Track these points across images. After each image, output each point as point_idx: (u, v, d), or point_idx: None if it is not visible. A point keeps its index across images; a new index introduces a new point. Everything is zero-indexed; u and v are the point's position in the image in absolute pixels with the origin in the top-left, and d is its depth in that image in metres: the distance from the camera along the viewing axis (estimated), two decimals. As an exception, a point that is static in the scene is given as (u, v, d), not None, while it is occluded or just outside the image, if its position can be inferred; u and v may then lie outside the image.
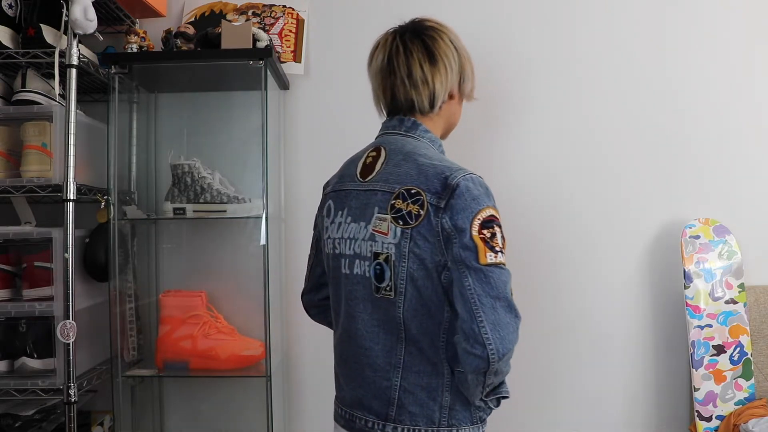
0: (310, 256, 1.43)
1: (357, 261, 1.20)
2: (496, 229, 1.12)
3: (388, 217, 1.16)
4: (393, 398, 1.18)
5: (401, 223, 1.14)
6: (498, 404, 1.23)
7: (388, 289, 1.16)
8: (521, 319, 1.11)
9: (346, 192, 1.27)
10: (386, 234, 1.16)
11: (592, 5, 2.15)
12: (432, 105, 1.25)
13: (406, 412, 1.17)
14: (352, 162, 1.31)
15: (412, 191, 1.15)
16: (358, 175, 1.25)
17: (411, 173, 1.17)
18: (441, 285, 1.15)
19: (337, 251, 1.25)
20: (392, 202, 1.16)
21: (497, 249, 1.11)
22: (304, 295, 1.45)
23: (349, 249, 1.22)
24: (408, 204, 1.14)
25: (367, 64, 1.32)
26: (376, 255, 1.17)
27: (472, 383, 1.14)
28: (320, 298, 1.41)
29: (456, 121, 1.35)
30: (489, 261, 1.09)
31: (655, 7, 2.14)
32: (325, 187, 1.37)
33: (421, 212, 1.13)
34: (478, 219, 1.11)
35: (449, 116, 1.32)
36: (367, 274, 1.19)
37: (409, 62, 1.23)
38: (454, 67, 1.27)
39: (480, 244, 1.09)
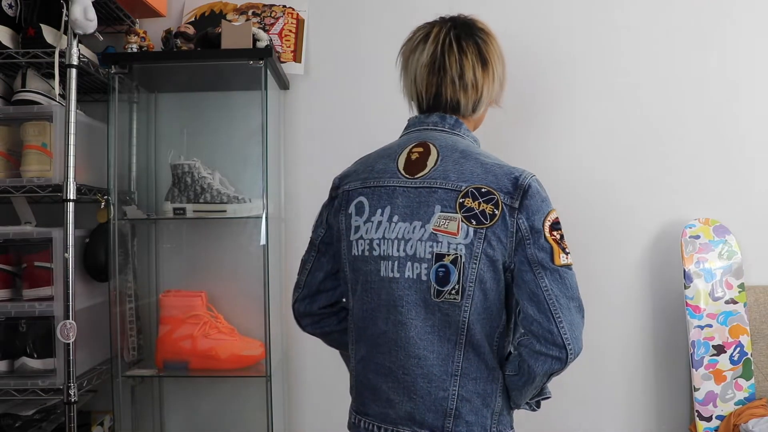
0: (307, 259, 1.31)
1: (409, 263, 1.13)
2: (562, 231, 1.14)
3: (459, 216, 1.11)
4: (450, 408, 1.13)
5: (474, 222, 1.10)
6: (539, 406, 1.24)
7: (453, 292, 1.11)
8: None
9: (388, 189, 1.17)
10: (455, 234, 1.10)
11: (587, 5, 2.15)
12: (475, 109, 1.24)
13: (463, 422, 1.13)
14: (382, 157, 1.23)
15: (483, 190, 1.11)
16: (402, 171, 1.17)
17: (476, 171, 1.13)
18: (504, 287, 1.14)
19: (375, 253, 1.16)
20: (461, 200, 1.11)
21: (567, 250, 1.13)
22: (299, 302, 1.32)
23: (399, 250, 1.14)
24: (480, 203, 1.11)
25: (406, 52, 1.26)
26: (439, 256, 1.11)
27: (536, 384, 1.14)
28: (320, 307, 1.31)
29: (480, 124, 1.33)
30: (563, 262, 1.11)
31: (660, 8, 2.14)
32: (339, 184, 1.26)
33: (496, 212, 1.10)
34: (549, 221, 1.12)
35: (479, 119, 1.30)
36: (424, 277, 1.12)
37: (462, 62, 1.19)
38: (499, 74, 1.25)
39: (554, 246, 1.11)
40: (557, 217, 1.13)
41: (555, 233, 1.12)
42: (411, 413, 1.14)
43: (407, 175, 1.17)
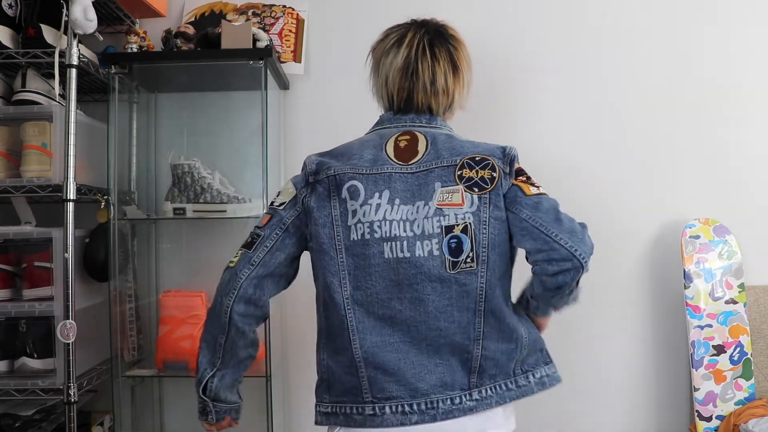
0: (267, 235, 1.22)
1: (419, 242, 1.15)
2: (528, 175, 1.21)
3: (461, 187, 1.16)
4: (475, 367, 1.17)
5: (476, 190, 1.16)
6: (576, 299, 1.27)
7: (468, 260, 1.15)
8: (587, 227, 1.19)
9: (383, 174, 1.19)
10: (461, 204, 1.15)
11: (594, 4, 2.15)
12: (445, 112, 1.29)
13: (486, 375, 1.18)
14: (365, 147, 1.23)
15: (477, 158, 1.18)
16: (394, 159, 1.20)
17: (466, 146, 1.20)
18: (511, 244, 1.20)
19: (377, 235, 1.16)
20: (459, 172, 1.17)
21: (537, 184, 1.20)
22: (248, 281, 1.21)
23: (407, 230, 1.16)
24: (477, 171, 1.17)
25: (378, 53, 1.29)
26: (449, 228, 1.15)
27: (568, 293, 1.20)
28: (269, 296, 1.26)
29: None
30: (533, 192, 1.18)
31: (660, 5, 2.14)
32: (318, 169, 1.22)
33: (494, 175, 1.17)
34: (513, 172, 1.20)
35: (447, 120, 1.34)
36: (436, 252, 1.15)
37: (434, 69, 1.23)
38: (468, 80, 1.30)
39: (521, 185, 1.19)
40: (519, 167, 1.21)
41: (520, 177, 1.20)
42: (441, 378, 1.17)
43: (400, 162, 1.20)
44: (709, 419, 1.95)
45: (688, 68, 2.13)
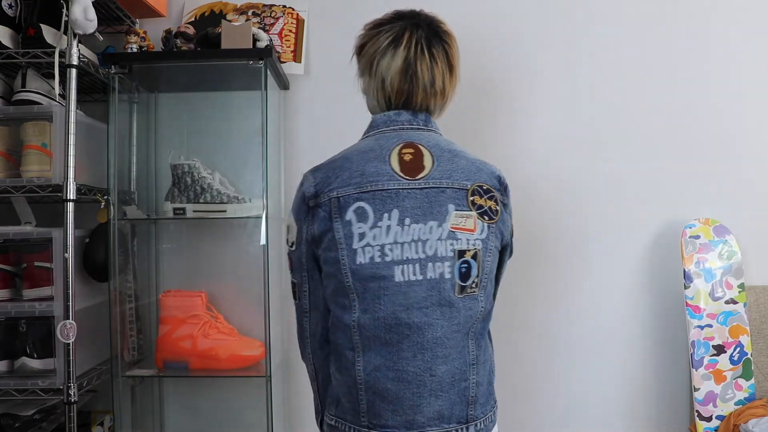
0: (300, 281, 1.24)
1: (430, 264, 1.14)
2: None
3: (474, 213, 1.17)
4: (472, 396, 1.17)
5: (486, 218, 1.18)
6: None
7: (473, 286, 1.16)
8: None
9: (390, 192, 1.15)
10: (473, 230, 1.16)
11: (594, 4, 2.15)
12: (440, 110, 1.31)
13: (478, 404, 1.18)
14: (367, 159, 1.18)
15: (484, 188, 1.19)
16: (401, 173, 1.16)
17: (470, 169, 1.20)
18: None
19: (388, 258, 1.13)
20: (471, 198, 1.17)
21: None
22: (311, 325, 1.25)
23: (419, 252, 1.14)
24: (486, 200, 1.18)
25: (372, 52, 1.27)
26: (461, 253, 1.15)
27: None
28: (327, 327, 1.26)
29: None
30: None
31: (657, 7, 2.14)
32: (317, 191, 1.19)
33: (497, 208, 1.20)
34: (510, 207, 1.27)
35: None
36: (447, 275, 1.14)
37: (433, 70, 1.23)
38: (459, 76, 1.30)
39: (512, 240, 1.28)
40: (511, 224, 1.28)
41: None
42: (440, 411, 1.15)
43: (407, 177, 1.16)
44: (709, 419, 1.95)
45: (689, 68, 2.13)
